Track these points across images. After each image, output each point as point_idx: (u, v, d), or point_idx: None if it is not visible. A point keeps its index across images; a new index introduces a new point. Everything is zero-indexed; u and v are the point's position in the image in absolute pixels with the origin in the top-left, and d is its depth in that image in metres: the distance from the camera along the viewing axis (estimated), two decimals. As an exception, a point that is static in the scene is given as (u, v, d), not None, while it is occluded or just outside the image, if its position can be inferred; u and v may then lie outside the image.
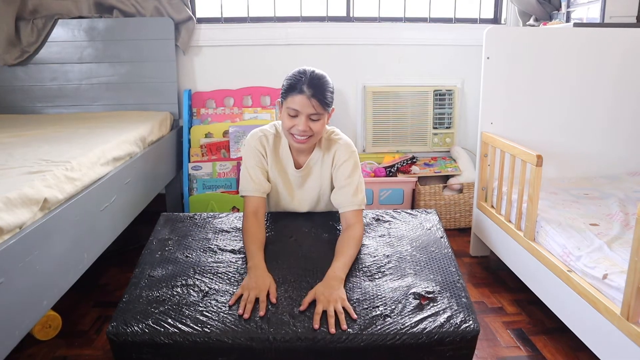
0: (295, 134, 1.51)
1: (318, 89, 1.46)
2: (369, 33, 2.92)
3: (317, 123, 1.50)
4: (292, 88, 1.47)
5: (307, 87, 1.45)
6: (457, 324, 1.28)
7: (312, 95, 1.45)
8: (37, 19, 2.69)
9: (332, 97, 1.52)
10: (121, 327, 1.26)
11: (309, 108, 1.46)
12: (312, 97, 1.45)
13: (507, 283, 2.11)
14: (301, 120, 1.47)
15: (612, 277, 1.35)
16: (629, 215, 1.77)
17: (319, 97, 1.46)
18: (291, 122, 1.49)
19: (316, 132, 1.51)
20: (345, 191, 1.59)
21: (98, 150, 1.77)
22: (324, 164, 1.65)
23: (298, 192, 1.71)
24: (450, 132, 3.00)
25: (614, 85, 2.25)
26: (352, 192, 1.59)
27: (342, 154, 1.61)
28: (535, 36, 2.21)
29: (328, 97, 1.50)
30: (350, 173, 1.60)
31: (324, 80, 1.50)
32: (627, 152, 2.34)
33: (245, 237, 1.54)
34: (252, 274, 1.38)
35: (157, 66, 2.77)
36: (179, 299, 1.36)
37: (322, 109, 1.48)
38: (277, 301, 1.30)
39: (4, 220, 1.17)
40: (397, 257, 1.55)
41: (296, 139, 1.52)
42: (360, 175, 1.63)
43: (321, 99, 1.46)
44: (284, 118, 1.53)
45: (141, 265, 1.52)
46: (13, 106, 2.77)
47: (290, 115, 1.49)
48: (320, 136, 1.58)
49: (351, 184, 1.59)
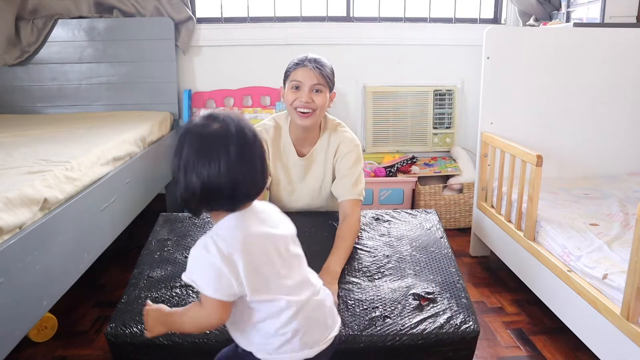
0: (298, 107, 1.56)
1: (319, 63, 1.56)
2: (369, 33, 2.92)
3: (319, 95, 1.56)
4: (296, 64, 1.57)
5: (309, 61, 1.55)
6: (457, 324, 1.28)
7: (314, 67, 1.54)
8: (37, 19, 2.68)
9: (332, 75, 1.61)
10: (120, 328, 1.26)
11: (312, 79, 1.54)
12: (314, 69, 1.54)
13: (507, 283, 2.11)
14: (304, 91, 1.54)
15: (612, 277, 1.35)
16: (629, 215, 1.77)
17: (321, 69, 1.55)
18: (294, 94, 1.56)
19: (319, 106, 1.56)
20: (345, 181, 1.63)
21: (98, 150, 1.77)
22: (328, 154, 1.68)
23: (299, 183, 1.72)
24: (450, 132, 3.00)
25: (614, 85, 2.25)
26: (353, 182, 1.63)
27: (346, 146, 1.66)
28: (535, 36, 2.21)
29: (329, 72, 1.58)
30: (353, 164, 1.64)
31: (324, 60, 1.60)
32: (627, 152, 2.34)
33: None
34: None
35: (157, 66, 2.77)
36: (178, 300, 1.35)
37: (324, 81, 1.56)
38: None
39: (4, 220, 1.17)
40: (397, 258, 1.55)
41: (300, 114, 1.57)
42: (361, 168, 1.67)
43: (322, 71, 1.55)
44: (287, 94, 1.58)
45: (140, 266, 1.51)
46: (13, 106, 2.77)
47: (293, 89, 1.56)
48: (323, 113, 1.62)
49: (352, 175, 1.64)
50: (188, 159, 0.90)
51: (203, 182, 0.88)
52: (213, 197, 0.90)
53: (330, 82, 1.59)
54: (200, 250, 0.90)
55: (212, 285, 0.88)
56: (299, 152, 1.70)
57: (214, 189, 0.89)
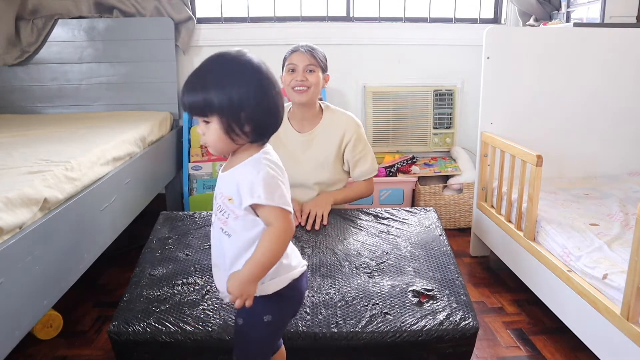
0: (295, 86, 1.76)
1: (311, 47, 1.80)
2: (369, 33, 2.92)
3: (312, 75, 1.76)
4: (291, 51, 1.80)
5: (302, 47, 1.78)
6: (456, 321, 1.28)
7: (306, 51, 1.77)
8: (37, 19, 2.69)
9: (324, 58, 1.82)
10: (122, 326, 1.26)
11: (305, 60, 1.75)
12: (307, 52, 1.77)
13: (507, 283, 2.11)
14: (299, 72, 1.75)
15: (612, 277, 1.35)
16: (629, 215, 1.77)
17: (313, 52, 1.78)
18: (291, 76, 1.76)
19: (313, 84, 1.76)
20: (360, 164, 1.90)
21: (98, 150, 1.77)
22: (332, 134, 1.87)
23: (302, 157, 1.87)
24: (450, 132, 3.00)
25: (614, 85, 2.25)
26: (368, 166, 1.91)
27: (350, 132, 1.87)
28: (535, 36, 2.22)
29: (321, 55, 1.80)
30: (362, 148, 1.89)
31: (316, 47, 1.82)
32: (627, 152, 2.34)
33: None
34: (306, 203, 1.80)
35: (157, 66, 2.77)
36: (179, 298, 1.36)
37: (316, 62, 1.77)
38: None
39: (4, 220, 1.17)
40: (397, 255, 1.55)
41: (297, 90, 1.76)
42: (369, 147, 1.93)
43: (314, 54, 1.78)
44: (285, 77, 1.78)
45: (142, 264, 1.52)
46: (13, 106, 2.77)
47: (289, 71, 1.77)
48: (317, 91, 1.80)
49: (365, 158, 1.90)
50: (250, 85, 0.98)
51: (259, 105, 0.98)
52: (261, 123, 0.99)
53: (322, 64, 1.79)
54: (261, 171, 0.99)
55: (284, 197, 1.00)
56: (300, 131, 1.88)
57: (264, 114, 0.99)
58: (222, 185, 1.04)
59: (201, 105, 0.97)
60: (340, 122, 1.88)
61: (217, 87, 0.96)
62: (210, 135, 0.99)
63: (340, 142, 1.87)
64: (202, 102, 0.96)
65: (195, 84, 0.97)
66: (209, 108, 0.96)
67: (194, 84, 0.97)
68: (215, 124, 0.97)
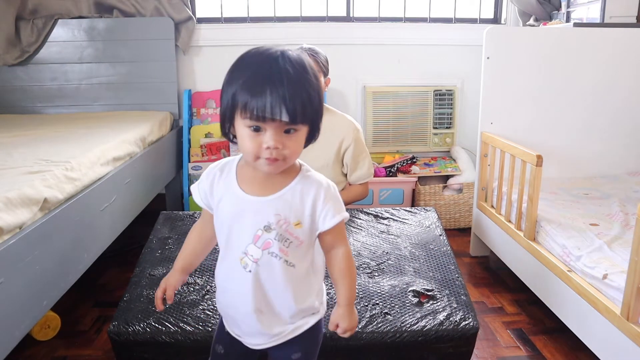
0: None
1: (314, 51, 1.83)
2: (369, 33, 2.92)
3: None
4: None
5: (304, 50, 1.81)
6: (456, 321, 1.28)
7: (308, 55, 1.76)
8: (37, 19, 2.68)
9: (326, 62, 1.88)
10: (122, 326, 1.26)
11: None
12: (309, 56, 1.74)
13: (507, 283, 2.11)
14: None
15: (612, 277, 1.35)
16: (629, 215, 1.77)
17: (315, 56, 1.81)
18: None
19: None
20: (360, 167, 1.94)
21: (98, 150, 1.77)
22: (330, 138, 1.89)
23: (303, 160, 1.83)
24: (450, 132, 3.00)
25: (614, 85, 2.25)
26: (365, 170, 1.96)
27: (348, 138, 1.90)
28: (535, 36, 2.21)
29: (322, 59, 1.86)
30: (359, 153, 1.93)
31: (318, 49, 1.87)
32: (627, 152, 2.34)
33: None
34: None
35: (157, 66, 2.77)
36: (179, 298, 1.36)
37: (318, 67, 1.79)
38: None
39: (4, 220, 1.17)
40: (397, 255, 1.55)
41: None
42: (366, 152, 1.97)
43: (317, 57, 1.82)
44: None
45: (142, 264, 1.52)
46: (13, 106, 2.77)
47: None
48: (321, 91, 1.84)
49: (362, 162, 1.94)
50: (312, 77, 0.88)
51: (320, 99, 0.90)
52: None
53: (324, 68, 1.83)
54: (330, 184, 0.95)
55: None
56: None
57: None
58: (274, 210, 0.91)
59: (305, 112, 0.84)
60: (339, 126, 1.89)
61: (314, 91, 0.86)
62: (294, 145, 0.86)
63: (339, 146, 1.90)
64: (308, 108, 0.84)
65: (300, 87, 0.83)
66: (310, 114, 0.85)
67: (299, 88, 0.83)
68: (302, 132, 0.87)
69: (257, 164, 0.87)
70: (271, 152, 0.84)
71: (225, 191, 0.94)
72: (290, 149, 0.86)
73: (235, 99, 0.85)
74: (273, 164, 0.86)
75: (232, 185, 0.94)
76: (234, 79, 0.86)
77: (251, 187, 0.92)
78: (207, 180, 0.96)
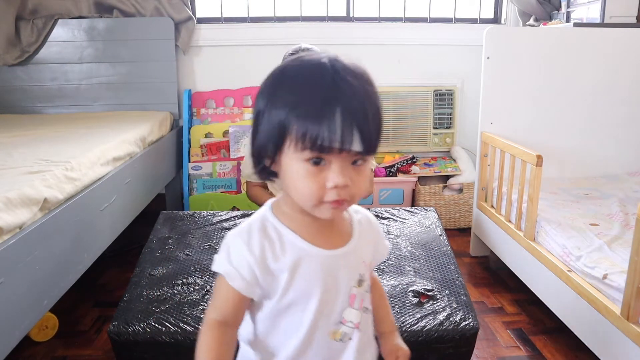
0: None
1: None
2: (369, 33, 2.92)
3: None
4: (290, 55, 1.70)
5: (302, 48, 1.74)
6: (456, 321, 1.28)
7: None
8: (37, 19, 2.68)
9: None
10: (122, 326, 1.26)
11: None
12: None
13: (507, 283, 2.11)
14: None
15: (612, 277, 1.35)
16: (629, 215, 1.77)
17: None
18: None
19: None
20: None
21: (98, 150, 1.77)
22: None
23: None
24: (450, 132, 3.00)
25: (614, 85, 2.25)
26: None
27: None
28: (535, 36, 2.22)
29: None
30: None
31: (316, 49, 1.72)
32: (627, 152, 2.34)
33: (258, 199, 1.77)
34: None
35: (157, 66, 2.77)
36: (179, 298, 1.36)
37: None
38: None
39: (4, 220, 1.17)
40: (397, 255, 1.55)
41: None
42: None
43: None
44: None
45: (142, 264, 1.52)
46: (13, 106, 2.77)
47: None
48: None
49: None
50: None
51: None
52: None
53: None
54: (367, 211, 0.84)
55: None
56: None
57: None
58: (360, 257, 0.77)
59: (379, 137, 0.67)
60: None
61: (381, 108, 0.68)
62: (362, 181, 0.68)
63: None
64: (381, 132, 0.68)
65: (370, 105, 0.65)
66: (380, 139, 0.68)
67: (370, 106, 0.65)
68: (369, 163, 0.70)
69: (317, 209, 0.67)
70: (338, 193, 0.65)
71: (297, 258, 0.71)
72: (359, 187, 0.67)
73: (286, 126, 0.64)
74: (339, 208, 0.67)
75: (302, 246, 0.71)
76: (279, 100, 0.66)
77: (322, 238, 0.73)
78: (252, 258, 0.70)
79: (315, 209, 0.67)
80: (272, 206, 0.75)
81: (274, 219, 0.73)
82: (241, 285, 0.70)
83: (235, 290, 0.70)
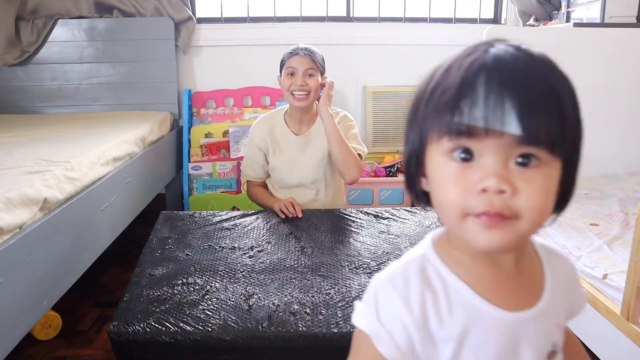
0: (294, 91, 1.74)
1: (310, 51, 1.78)
2: (369, 33, 2.92)
3: (312, 79, 1.75)
4: (289, 53, 1.78)
5: (301, 50, 1.76)
6: (457, 323, 1.28)
7: (305, 54, 1.75)
8: (37, 19, 2.69)
9: (323, 61, 1.81)
10: (122, 326, 1.26)
11: (305, 64, 1.74)
12: (306, 55, 1.75)
13: (507, 283, 2.11)
14: (298, 76, 1.73)
15: (612, 277, 1.35)
16: (629, 215, 1.77)
17: (312, 56, 1.76)
18: (290, 80, 1.75)
19: (313, 88, 1.75)
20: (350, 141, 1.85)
21: (98, 150, 1.77)
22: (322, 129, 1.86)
23: (299, 159, 1.85)
24: (450, 132, 2.99)
25: (614, 85, 2.25)
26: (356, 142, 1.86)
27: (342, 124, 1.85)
28: (535, 36, 2.22)
29: (319, 58, 1.79)
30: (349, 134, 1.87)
31: (314, 48, 1.81)
32: (627, 152, 2.34)
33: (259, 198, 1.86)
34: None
35: (157, 66, 2.77)
36: (179, 298, 1.36)
37: (316, 66, 1.76)
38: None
39: (4, 220, 1.17)
40: (397, 255, 1.55)
41: (296, 97, 1.75)
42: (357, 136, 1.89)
43: (314, 58, 1.77)
44: (284, 81, 1.77)
45: (141, 264, 1.52)
46: (13, 106, 2.77)
47: (289, 75, 1.76)
48: (317, 94, 1.79)
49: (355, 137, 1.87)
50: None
51: None
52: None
53: (321, 67, 1.78)
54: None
55: None
56: (297, 133, 1.86)
57: None
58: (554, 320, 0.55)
59: (559, 127, 0.49)
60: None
61: (571, 96, 0.53)
62: (535, 188, 0.47)
63: None
64: (562, 122, 0.49)
65: (542, 81, 0.51)
66: (569, 132, 0.51)
67: (540, 81, 0.51)
68: (553, 170, 0.49)
69: (464, 229, 0.48)
70: (490, 201, 0.45)
71: (467, 322, 0.51)
72: (528, 199, 0.46)
73: (423, 115, 0.50)
74: (492, 228, 0.46)
75: (476, 304, 0.51)
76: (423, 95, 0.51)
77: (503, 292, 0.52)
78: (410, 319, 0.51)
79: (462, 228, 0.47)
80: (433, 241, 0.55)
81: (438, 261, 0.53)
82: (393, 355, 0.52)
83: (383, 358, 0.53)
